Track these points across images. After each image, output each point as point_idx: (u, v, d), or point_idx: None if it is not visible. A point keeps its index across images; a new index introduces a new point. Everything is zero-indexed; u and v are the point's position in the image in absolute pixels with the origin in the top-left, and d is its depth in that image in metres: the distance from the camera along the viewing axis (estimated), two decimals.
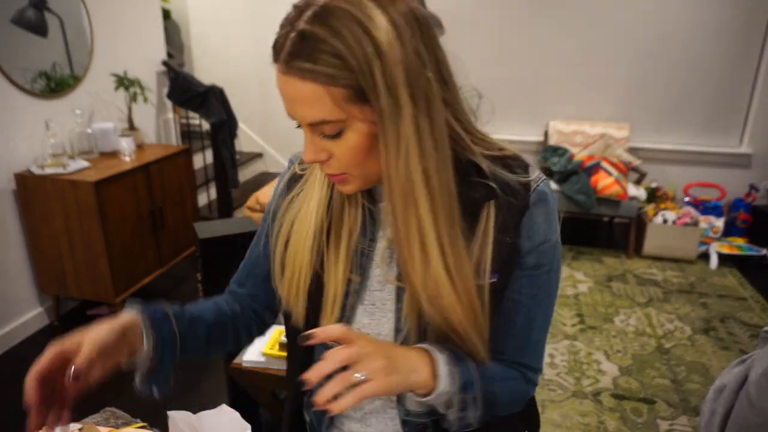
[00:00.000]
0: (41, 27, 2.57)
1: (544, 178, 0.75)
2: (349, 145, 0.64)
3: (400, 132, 0.62)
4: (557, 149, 3.68)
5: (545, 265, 0.74)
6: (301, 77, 0.60)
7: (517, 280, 0.73)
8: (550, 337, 2.67)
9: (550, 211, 0.73)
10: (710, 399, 0.95)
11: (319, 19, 0.58)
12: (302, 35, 0.59)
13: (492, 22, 3.96)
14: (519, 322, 0.75)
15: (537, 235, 0.72)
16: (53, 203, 2.44)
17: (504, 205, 0.70)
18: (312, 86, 0.60)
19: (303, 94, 0.61)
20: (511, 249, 0.71)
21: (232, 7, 4.35)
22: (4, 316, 2.50)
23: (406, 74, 0.60)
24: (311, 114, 0.62)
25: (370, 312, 0.77)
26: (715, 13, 3.63)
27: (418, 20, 0.63)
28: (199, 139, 3.91)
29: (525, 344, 0.77)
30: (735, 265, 3.47)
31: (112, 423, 0.96)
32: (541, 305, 0.76)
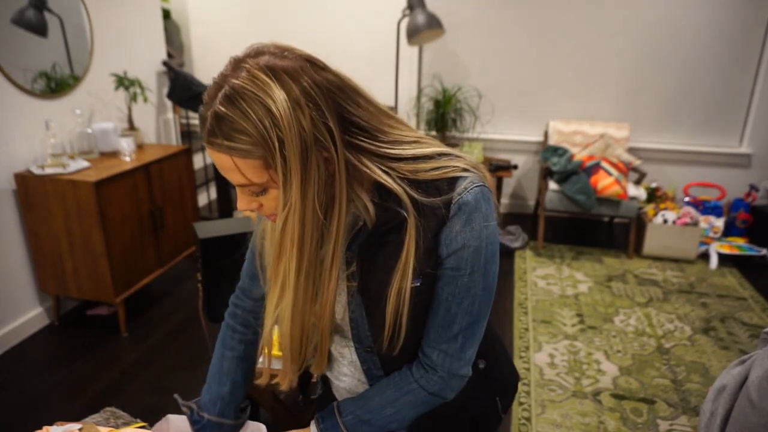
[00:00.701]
0: (41, 27, 2.57)
1: (473, 187, 0.80)
2: (272, 198, 0.76)
3: (287, 199, 0.72)
4: (557, 149, 3.68)
5: (464, 269, 0.81)
6: (221, 151, 0.71)
7: (440, 279, 0.83)
8: (550, 337, 2.67)
9: (470, 218, 0.79)
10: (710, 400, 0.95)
11: (229, 99, 0.69)
12: (217, 116, 0.69)
13: (492, 23, 3.96)
14: (440, 314, 0.85)
15: (454, 243, 0.80)
16: (53, 203, 2.44)
17: (422, 224, 0.79)
18: (228, 158, 0.71)
19: (226, 164, 0.72)
20: (429, 259, 0.81)
21: (232, 7, 4.35)
22: (4, 316, 2.50)
23: (301, 145, 0.70)
24: (236, 179, 0.73)
25: None
26: (715, 14, 3.63)
27: (321, 88, 0.72)
28: (199, 139, 3.91)
29: (446, 333, 0.85)
30: (735, 265, 3.47)
31: (112, 423, 0.96)
32: (462, 303, 0.83)
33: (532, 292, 3.13)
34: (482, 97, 4.09)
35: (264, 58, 0.70)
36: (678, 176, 3.97)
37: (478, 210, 0.79)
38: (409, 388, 0.88)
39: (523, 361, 2.49)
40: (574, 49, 3.89)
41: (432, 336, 0.86)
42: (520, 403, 2.20)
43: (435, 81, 4.11)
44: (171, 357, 2.49)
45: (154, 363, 2.44)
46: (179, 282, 3.16)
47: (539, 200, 3.83)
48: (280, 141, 0.69)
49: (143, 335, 2.66)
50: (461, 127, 4.05)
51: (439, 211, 0.78)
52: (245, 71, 0.69)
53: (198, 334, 2.64)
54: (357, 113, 0.75)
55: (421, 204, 0.79)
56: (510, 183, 4.30)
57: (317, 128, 0.71)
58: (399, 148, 0.79)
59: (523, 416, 2.13)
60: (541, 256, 3.61)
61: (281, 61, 0.70)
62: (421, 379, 0.87)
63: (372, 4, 4.05)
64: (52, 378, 2.32)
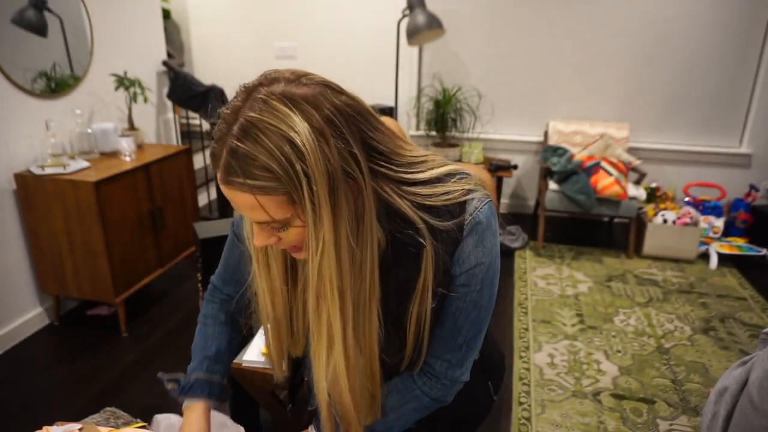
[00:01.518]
0: (41, 27, 2.57)
1: (483, 205, 0.80)
2: (294, 233, 0.71)
3: (319, 237, 0.67)
4: (557, 149, 3.68)
5: (474, 285, 0.81)
6: (242, 190, 0.65)
7: (448, 295, 0.83)
8: (550, 337, 2.67)
9: (482, 237, 0.79)
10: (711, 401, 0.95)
11: (246, 133, 0.63)
12: (233, 152, 0.64)
13: (492, 23, 3.96)
14: (446, 326, 0.85)
15: (467, 262, 0.80)
16: (53, 203, 2.44)
17: (438, 248, 0.78)
18: (250, 197, 0.65)
19: (244, 202, 0.66)
20: (447, 280, 0.81)
21: (232, 7, 4.35)
22: (4, 316, 2.50)
23: (328, 177, 0.65)
24: (255, 216, 0.68)
25: None
26: (715, 13, 3.63)
27: (343, 114, 0.67)
28: (199, 139, 3.91)
29: (450, 344, 0.86)
30: (735, 265, 3.47)
31: (112, 423, 0.96)
32: (468, 317, 0.84)
33: (532, 292, 3.13)
34: (482, 97, 4.09)
35: (279, 87, 0.65)
36: (678, 176, 3.97)
37: (490, 228, 0.80)
38: (412, 395, 0.89)
39: (523, 361, 2.49)
40: (574, 49, 3.89)
41: (436, 346, 0.87)
42: (520, 403, 2.20)
43: (435, 81, 4.11)
44: (171, 357, 2.49)
45: (154, 363, 2.44)
46: (179, 282, 3.16)
47: (539, 200, 3.83)
48: (307, 175, 0.63)
49: (143, 335, 2.65)
50: (461, 127, 4.05)
51: (453, 234, 0.78)
52: (261, 102, 0.64)
53: None
54: (376, 137, 0.72)
55: (437, 229, 0.78)
56: (510, 183, 4.30)
57: (343, 157, 0.66)
58: (412, 171, 0.77)
59: (523, 416, 2.13)
60: (541, 256, 3.60)
61: (299, 89, 0.65)
62: (424, 386, 0.88)
63: (372, 4, 4.05)
64: (52, 378, 2.32)
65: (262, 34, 4.31)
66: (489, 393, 1.06)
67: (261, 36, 4.32)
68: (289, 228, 0.70)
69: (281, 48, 4.27)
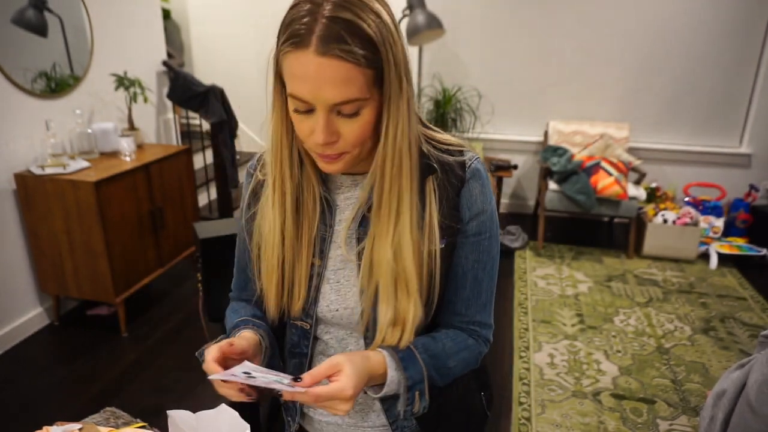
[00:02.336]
0: (41, 27, 2.57)
1: (477, 157, 0.85)
2: (361, 123, 0.71)
3: (401, 109, 0.72)
4: (557, 149, 3.68)
5: (485, 233, 0.85)
6: (339, 58, 0.65)
7: (462, 247, 0.85)
8: (550, 337, 2.67)
9: (484, 184, 0.84)
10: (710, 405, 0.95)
11: (343, 6, 0.66)
12: (334, 20, 0.65)
13: (492, 23, 3.96)
14: (469, 285, 0.86)
15: (475, 206, 0.83)
16: (53, 203, 2.44)
17: (444, 180, 0.82)
18: (347, 67, 0.66)
19: (338, 74, 0.66)
20: (454, 217, 0.82)
21: (232, 7, 4.35)
22: (4, 316, 2.50)
23: (404, 59, 0.71)
24: (342, 93, 0.67)
25: (336, 289, 0.87)
26: (715, 13, 3.63)
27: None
28: (199, 139, 3.91)
29: (477, 304, 0.88)
30: (735, 265, 3.47)
31: (112, 423, 0.96)
32: (485, 268, 0.87)
33: (532, 292, 3.13)
34: (482, 97, 4.09)
35: None
36: (678, 176, 3.97)
37: (488, 180, 0.85)
38: (466, 343, 0.88)
39: (523, 361, 2.49)
40: (575, 49, 3.89)
41: (464, 312, 0.88)
42: (520, 403, 2.20)
43: (435, 81, 4.11)
44: (171, 357, 2.49)
45: (154, 363, 2.44)
46: (179, 282, 3.16)
47: (539, 200, 3.83)
48: (395, 56, 0.69)
49: (143, 335, 2.66)
50: (461, 127, 4.05)
51: (457, 170, 0.82)
52: None
53: (198, 334, 2.64)
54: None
55: (441, 161, 0.82)
56: (510, 183, 4.30)
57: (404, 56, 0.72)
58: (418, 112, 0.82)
59: (523, 416, 2.13)
60: (541, 256, 3.61)
61: None
62: (470, 339, 0.89)
63: None
64: (52, 378, 2.32)
65: (262, 34, 4.30)
66: (483, 406, 1.02)
67: (261, 36, 4.31)
68: (360, 115, 0.71)
69: None
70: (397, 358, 0.80)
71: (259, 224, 0.87)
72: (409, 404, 0.80)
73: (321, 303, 0.87)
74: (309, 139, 0.73)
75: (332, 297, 0.87)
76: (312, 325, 0.90)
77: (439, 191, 0.81)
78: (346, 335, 0.91)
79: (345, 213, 0.86)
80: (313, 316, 0.89)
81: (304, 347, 0.93)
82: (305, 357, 0.93)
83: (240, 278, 1.00)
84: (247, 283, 0.97)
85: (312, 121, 0.71)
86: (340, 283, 0.86)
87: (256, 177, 0.91)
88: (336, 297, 0.87)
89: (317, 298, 0.87)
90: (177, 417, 0.79)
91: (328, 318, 0.88)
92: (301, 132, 0.74)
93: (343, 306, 0.87)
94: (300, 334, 0.93)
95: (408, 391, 0.79)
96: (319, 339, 0.93)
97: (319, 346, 0.94)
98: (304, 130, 0.73)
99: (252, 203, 0.90)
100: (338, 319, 0.88)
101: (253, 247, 0.89)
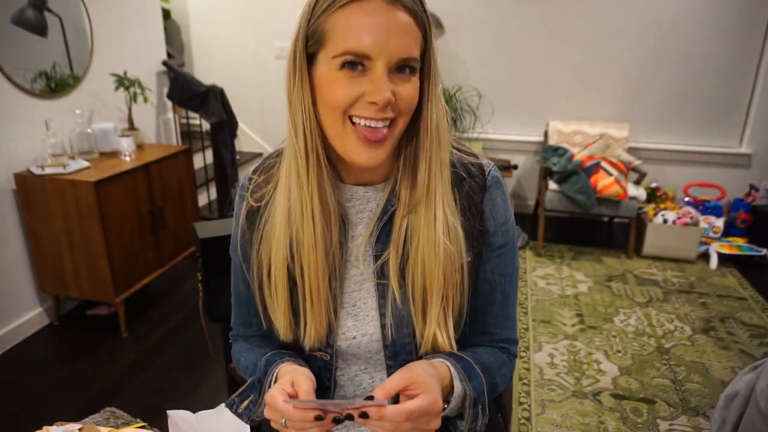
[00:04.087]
0: (41, 27, 2.57)
1: (493, 164, 0.84)
2: (414, 86, 0.70)
3: (438, 89, 0.72)
4: (557, 149, 3.68)
5: (509, 243, 0.82)
6: (407, 11, 0.65)
7: (489, 261, 0.80)
8: (550, 337, 2.67)
9: (505, 192, 0.82)
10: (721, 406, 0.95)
11: None
12: None
13: (492, 23, 3.96)
14: (497, 300, 0.82)
15: (499, 216, 0.80)
16: (53, 203, 2.44)
17: (466, 186, 0.78)
18: (412, 24, 0.66)
19: (406, 27, 0.66)
20: (479, 230, 0.78)
21: (232, 7, 4.35)
22: (4, 316, 2.50)
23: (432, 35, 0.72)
24: (406, 47, 0.66)
25: (354, 314, 0.79)
26: (715, 13, 3.63)
27: None
28: (199, 139, 3.91)
29: (506, 320, 0.84)
30: (735, 265, 3.47)
31: (112, 423, 0.96)
32: (511, 281, 0.83)
33: (531, 292, 3.13)
34: (482, 97, 4.09)
35: None
36: (678, 176, 3.97)
37: (506, 185, 0.83)
38: (502, 359, 0.83)
39: (523, 361, 2.49)
40: (574, 49, 3.89)
41: (493, 330, 0.83)
42: (520, 403, 2.20)
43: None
44: (171, 357, 2.49)
45: (154, 363, 2.44)
46: (179, 282, 3.16)
47: (539, 200, 3.83)
48: (431, 29, 0.70)
49: (143, 335, 2.65)
50: (461, 127, 4.05)
51: (478, 176, 0.79)
52: None
53: (198, 334, 2.64)
54: None
55: (465, 163, 0.79)
56: (510, 183, 4.30)
57: None
58: None
59: (523, 416, 2.13)
60: (541, 256, 3.60)
61: None
62: (503, 355, 0.84)
63: None
64: (52, 378, 2.32)
65: (263, 34, 4.31)
66: (501, 428, 0.96)
67: (261, 36, 4.32)
68: (411, 81, 0.69)
69: (281, 48, 4.27)
70: (460, 368, 0.72)
71: (266, 249, 0.79)
72: (474, 421, 0.71)
73: (339, 330, 0.80)
74: (360, 102, 0.67)
75: (349, 323, 0.79)
76: (332, 356, 0.82)
77: (462, 198, 0.76)
78: (359, 371, 0.83)
79: (358, 228, 0.79)
80: (333, 346, 0.81)
81: (326, 380, 0.84)
82: (328, 391, 0.84)
83: (242, 314, 0.91)
84: (251, 318, 0.89)
85: (365, 82, 0.66)
86: (357, 306, 0.79)
87: (247, 202, 0.82)
88: (353, 323, 0.79)
89: (336, 325, 0.79)
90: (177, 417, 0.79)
91: (343, 347, 0.80)
92: (349, 96, 0.67)
93: (361, 332, 0.79)
94: (321, 366, 0.83)
95: (473, 405, 0.71)
96: (340, 370, 0.84)
97: (340, 379, 0.85)
98: (354, 92, 0.67)
99: (247, 230, 0.82)
100: (355, 348, 0.80)
101: (253, 277, 0.82)
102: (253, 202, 0.81)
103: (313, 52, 0.69)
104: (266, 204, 0.80)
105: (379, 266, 0.77)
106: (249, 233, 0.82)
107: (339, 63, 0.66)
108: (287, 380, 0.70)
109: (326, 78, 0.68)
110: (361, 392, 0.84)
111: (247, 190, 0.83)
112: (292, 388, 0.69)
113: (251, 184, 0.83)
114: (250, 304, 0.87)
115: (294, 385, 0.69)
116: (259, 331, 0.90)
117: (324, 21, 0.66)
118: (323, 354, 0.82)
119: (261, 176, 0.83)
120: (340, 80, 0.67)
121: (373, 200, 0.79)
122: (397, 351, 0.79)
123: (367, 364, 0.82)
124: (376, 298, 0.78)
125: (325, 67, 0.68)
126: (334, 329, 0.79)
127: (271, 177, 0.81)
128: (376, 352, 0.79)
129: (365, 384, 0.83)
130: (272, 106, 4.47)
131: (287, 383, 0.69)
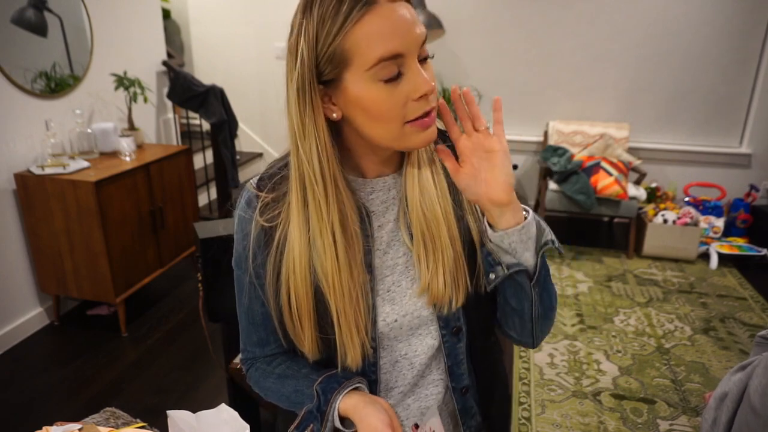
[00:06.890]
0: (41, 27, 2.57)
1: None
2: (432, 70, 0.74)
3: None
4: (557, 149, 3.68)
5: None
6: (405, 1, 0.69)
7: None
8: (550, 337, 2.67)
9: None
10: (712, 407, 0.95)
11: None
12: None
13: (492, 23, 3.96)
14: None
15: None
16: (53, 203, 2.44)
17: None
18: (413, 9, 0.70)
19: (413, 16, 0.69)
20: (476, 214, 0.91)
21: (232, 7, 4.35)
22: (4, 316, 2.50)
23: None
24: (423, 31, 0.70)
25: (390, 299, 0.82)
26: (715, 13, 3.63)
27: None
28: (199, 139, 3.91)
29: None
30: (735, 265, 3.47)
31: (112, 423, 0.96)
32: None
33: None
34: (482, 97, 4.09)
35: None
36: (678, 176, 3.97)
37: None
38: None
39: (523, 361, 2.49)
40: (574, 49, 3.89)
41: None
42: (520, 403, 2.20)
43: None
44: (171, 357, 2.49)
45: (154, 363, 2.44)
46: (179, 282, 3.16)
47: (539, 200, 3.83)
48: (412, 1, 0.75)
49: (143, 335, 2.66)
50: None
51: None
52: None
53: (198, 334, 2.64)
54: None
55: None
56: None
57: None
58: None
59: (523, 416, 2.13)
60: None
61: None
62: None
63: None
64: (52, 378, 2.32)
65: (262, 34, 4.31)
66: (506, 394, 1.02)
67: (261, 36, 4.32)
68: (430, 61, 0.73)
69: (281, 48, 4.27)
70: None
71: (284, 279, 0.78)
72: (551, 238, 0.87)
73: (378, 318, 0.81)
74: (410, 105, 0.70)
75: (386, 309, 0.81)
76: (376, 347, 0.82)
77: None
78: (400, 357, 0.84)
79: (385, 216, 0.82)
80: (376, 338, 0.82)
81: (371, 373, 0.84)
82: (375, 384, 0.85)
83: (257, 334, 0.88)
84: (269, 336, 0.87)
85: (404, 84, 0.69)
86: (391, 291, 0.82)
87: (257, 223, 0.80)
88: (391, 308, 0.81)
89: (376, 316, 0.81)
90: (177, 417, 0.79)
91: (385, 332, 0.82)
92: (397, 103, 0.69)
93: (401, 313, 0.82)
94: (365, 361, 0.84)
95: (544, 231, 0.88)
96: (384, 359, 0.85)
97: (383, 368, 0.85)
98: (401, 101, 0.69)
99: (259, 253, 0.80)
100: (397, 330, 0.82)
101: (269, 300, 0.81)
102: (265, 223, 0.79)
103: (333, 78, 0.69)
104: (279, 227, 0.78)
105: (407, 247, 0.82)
106: (262, 256, 0.80)
107: (376, 74, 0.67)
108: (386, 419, 0.74)
109: (366, 96, 0.69)
110: (403, 379, 0.87)
111: (255, 209, 0.80)
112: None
113: (260, 203, 0.80)
114: (267, 323, 0.85)
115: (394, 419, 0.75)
116: (278, 348, 0.88)
117: (341, 42, 0.66)
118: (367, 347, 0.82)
119: (270, 193, 0.80)
120: (382, 94, 0.68)
121: (393, 188, 0.83)
122: (448, 319, 0.83)
123: (408, 345, 0.84)
124: (408, 279, 0.82)
125: (359, 85, 0.68)
126: (374, 321, 0.81)
127: (282, 196, 0.79)
128: (422, 323, 0.83)
129: (405, 370, 0.86)
130: (272, 106, 4.47)
131: (386, 423, 0.73)
